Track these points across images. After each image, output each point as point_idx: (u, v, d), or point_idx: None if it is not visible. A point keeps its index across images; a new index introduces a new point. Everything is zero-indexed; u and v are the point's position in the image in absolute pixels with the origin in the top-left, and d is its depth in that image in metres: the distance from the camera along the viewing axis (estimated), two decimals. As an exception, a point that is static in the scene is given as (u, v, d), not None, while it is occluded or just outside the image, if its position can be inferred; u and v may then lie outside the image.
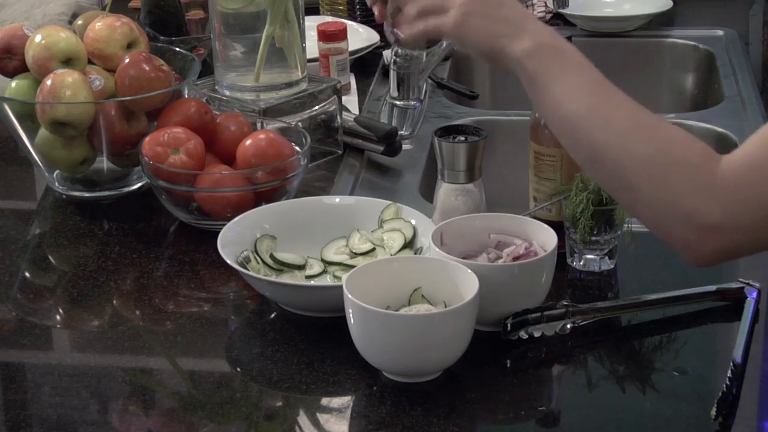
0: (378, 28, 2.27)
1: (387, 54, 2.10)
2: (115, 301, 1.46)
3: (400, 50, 1.79)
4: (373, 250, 1.46)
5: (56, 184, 1.72)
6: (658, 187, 1.08)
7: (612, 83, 1.14)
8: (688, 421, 1.21)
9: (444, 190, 1.47)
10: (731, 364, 1.22)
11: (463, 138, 1.45)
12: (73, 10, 2.29)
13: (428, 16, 1.23)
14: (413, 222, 1.46)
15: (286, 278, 1.43)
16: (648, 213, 1.11)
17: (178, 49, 1.79)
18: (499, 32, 1.17)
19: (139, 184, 1.72)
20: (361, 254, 1.46)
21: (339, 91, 1.81)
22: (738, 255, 1.11)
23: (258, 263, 1.42)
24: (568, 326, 1.32)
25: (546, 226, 1.37)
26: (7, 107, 1.67)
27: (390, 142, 1.82)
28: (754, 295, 1.36)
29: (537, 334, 1.31)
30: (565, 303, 1.32)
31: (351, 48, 2.09)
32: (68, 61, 1.66)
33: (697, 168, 1.07)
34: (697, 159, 1.08)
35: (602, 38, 2.41)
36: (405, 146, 1.85)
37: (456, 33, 1.20)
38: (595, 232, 1.44)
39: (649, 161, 1.09)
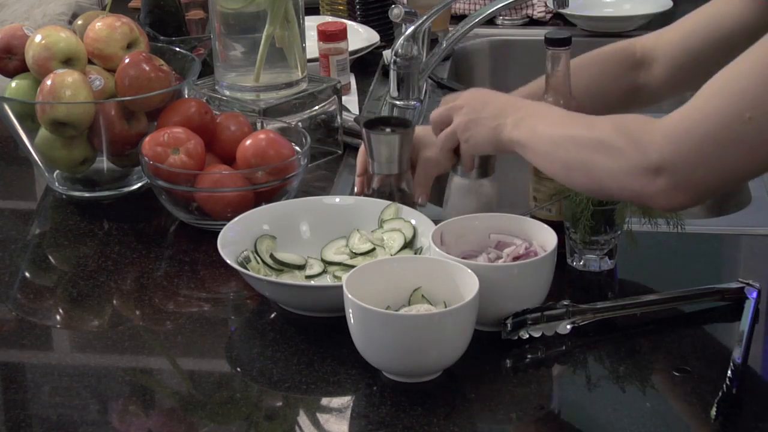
0: (378, 28, 2.27)
1: (387, 54, 2.10)
2: (115, 301, 1.46)
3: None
4: (373, 250, 1.46)
5: (56, 184, 1.72)
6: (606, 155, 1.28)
7: (572, 114, 1.37)
8: (688, 421, 1.21)
9: (456, 185, 1.49)
10: (731, 364, 1.22)
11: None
12: (73, 10, 2.29)
13: (442, 129, 1.45)
14: (413, 222, 1.46)
15: (286, 278, 1.43)
16: (608, 182, 1.29)
17: (178, 49, 1.79)
18: (492, 126, 1.39)
19: (139, 184, 1.72)
20: (361, 254, 1.46)
21: (339, 91, 1.81)
22: (700, 192, 1.24)
23: (258, 263, 1.42)
24: (568, 326, 1.32)
25: (546, 226, 1.37)
26: (7, 107, 1.67)
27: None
28: (754, 295, 1.36)
29: (537, 334, 1.31)
30: (565, 303, 1.32)
31: (351, 48, 2.09)
32: (68, 61, 1.66)
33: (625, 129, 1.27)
34: (626, 123, 1.28)
35: (602, 38, 2.40)
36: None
37: (464, 141, 1.42)
38: (595, 232, 1.44)
39: (588, 148, 1.29)
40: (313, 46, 2.00)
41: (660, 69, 1.55)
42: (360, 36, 2.23)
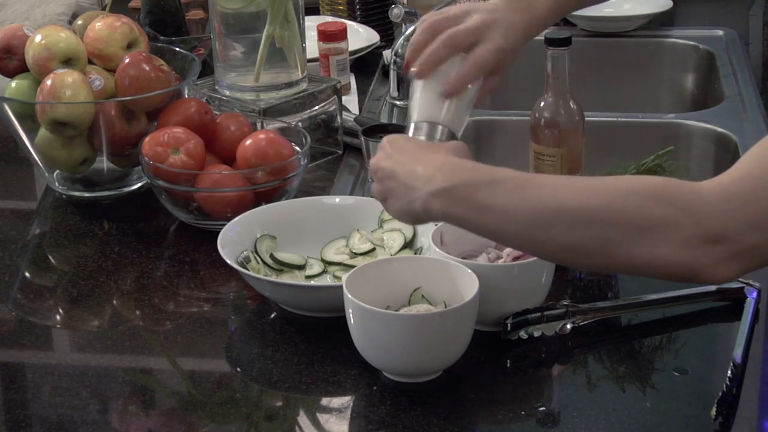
0: (378, 28, 2.27)
1: (387, 54, 2.10)
2: (115, 301, 1.46)
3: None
4: (373, 250, 1.46)
5: (56, 184, 1.72)
6: (639, 244, 1.05)
7: (517, 171, 1.12)
8: (688, 421, 1.21)
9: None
10: (731, 364, 1.22)
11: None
12: (73, 10, 2.29)
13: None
14: (413, 222, 1.46)
15: (286, 278, 1.43)
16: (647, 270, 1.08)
17: (178, 49, 1.79)
18: (406, 200, 1.16)
19: (139, 184, 1.72)
20: (361, 254, 1.46)
21: (339, 91, 1.81)
22: (756, 259, 1.07)
23: (258, 263, 1.42)
24: (568, 326, 1.32)
25: (546, 226, 1.37)
26: (7, 107, 1.67)
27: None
28: (754, 295, 1.36)
29: (537, 334, 1.31)
30: (565, 303, 1.32)
31: (351, 48, 2.09)
32: (68, 61, 1.66)
33: (673, 200, 1.05)
34: (666, 192, 1.06)
35: (602, 38, 2.40)
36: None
37: (394, 214, 1.21)
38: (595, 232, 1.43)
39: (619, 225, 1.06)
40: (313, 46, 2.00)
41: None
42: (360, 36, 2.23)
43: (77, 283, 1.49)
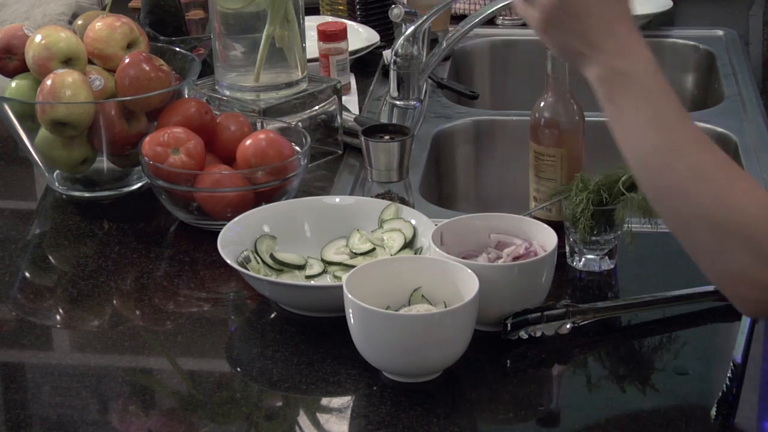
0: (378, 28, 2.27)
1: (387, 54, 2.10)
2: (115, 301, 1.46)
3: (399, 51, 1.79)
4: (373, 250, 1.46)
5: (56, 184, 1.72)
6: (715, 242, 1.05)
7: (683, 113, 1.09)
8: (688, 421, 1.21)
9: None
10: (731, 364, 1.22)
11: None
12: (73, 10, 2.29)
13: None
14: (413, 222, 1.46)
15: (286, 278, 1.43)
16: (705, 264, 1.08)
17: (178, 49, 1.79)
18: (573, 49, 1.10)
19: (139, 184, 1.72)
20: (361, 254, 1.46)
21: (339, 91, 1.81)
22: None
23: (258, 263, 1.42)
24: (568, 326, 1.32)
25: (546, 226, 1.37)
26: (7, 107, 1.67)
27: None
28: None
29: (537, 334, 1.31)
30: (565, 303, 1.32)
31: (351, 48, 2.09)
32: (68, 61, 1.66)
33: (755, 228, 1.03)
34: (756, 218, 1.04)
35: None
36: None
37: (540, 37, 1.13)
38: (595, 232, 1.44)
39: (707, 217, 1.04)
40: (313, 46, 2.00)
41: None
42: (360, 36, 2.23)
43: (77, 283, 1.49)
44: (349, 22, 2.17)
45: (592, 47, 1.09)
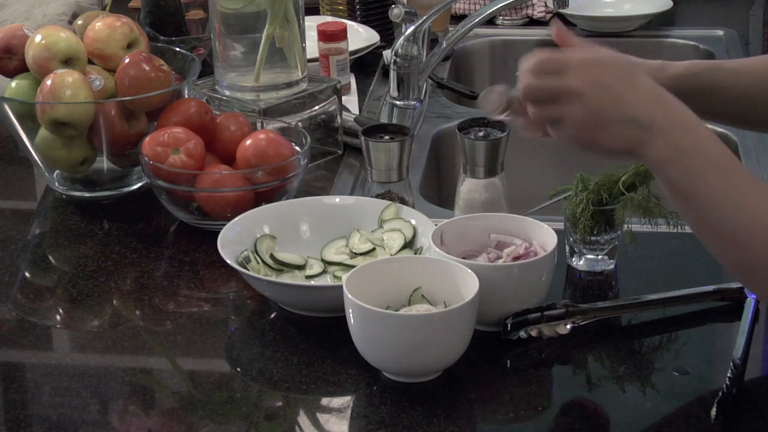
0: (378, 28, 2.27)
1: (387, 54, 2.10)
2: (115, 301, 1.46)
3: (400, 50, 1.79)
4: (373, 250, 1.46)
5: (56, 184, 1.72)
6: None
7: (741, 165, 1.08)
8: (688, 421, 1.21)
9: (466, 186, 1.48)
10: (731, 364, 1.22)
11: (482, 134, 1.47)
12: (73, 10, 2.29)
13: (536, 100, 1.12)
14: (413, 222, 1.46)
15: (286, 278, 1.43)
16: None
17: (178, 49, 1.79)
18: (631, 139, 1.07)
19: (139, 184, 1.72)
20: (361, 254, 1.46)
21: (339, 91, 1.81)
22: None
23: (258, 263, 1.43)
24: (568, 326, 1.32)
25: (546, 226, 1.37)
26: (7, 107, 1.67)
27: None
28: (754, 295, 1.36)
29: (537, 334, 1.31)
30: (565, 303, 1.32)
31: (351, 48, 2.09)
32: (68, 61, 1.66)
33: None
34: None
35: (602, 38, 2.40)
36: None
37: (594, 151, 1.09)
38: (595, 232, 1.44)
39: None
40: (313, 46, 2.00)
41: None
42: (360, 36, 2.23)
43: (77, 283, 1.49)
44: (349, 22, 2.17)
45: (647, 129, 1.07)
